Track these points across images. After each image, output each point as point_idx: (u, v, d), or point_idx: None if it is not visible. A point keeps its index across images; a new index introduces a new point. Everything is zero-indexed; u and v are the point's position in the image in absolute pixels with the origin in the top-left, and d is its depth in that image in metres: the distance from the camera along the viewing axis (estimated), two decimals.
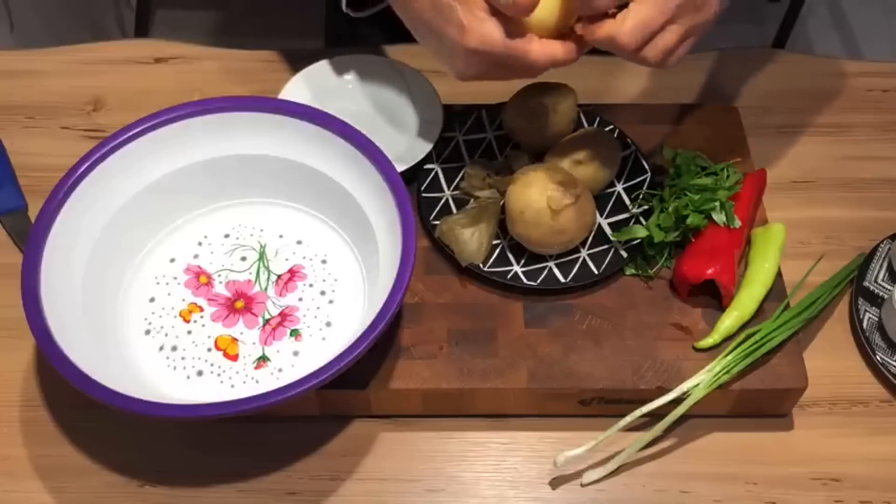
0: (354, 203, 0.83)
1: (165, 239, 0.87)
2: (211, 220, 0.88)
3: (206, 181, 0.86)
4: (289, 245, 0.87)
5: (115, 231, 0.82)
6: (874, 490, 0.79)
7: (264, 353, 0.80)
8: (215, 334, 0.81)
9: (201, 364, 0.80)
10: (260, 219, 0.88)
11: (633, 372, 0.80)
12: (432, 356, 0.81)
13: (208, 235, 0.87)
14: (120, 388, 0.70)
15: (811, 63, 1.09)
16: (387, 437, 0.81)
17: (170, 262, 0.85)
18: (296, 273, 0.85)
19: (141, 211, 0.84)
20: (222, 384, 0.78)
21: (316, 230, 0.88)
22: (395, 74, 0.97)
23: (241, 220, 0.88)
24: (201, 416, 0.70)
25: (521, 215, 0.82)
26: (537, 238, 0.83)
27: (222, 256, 0.86)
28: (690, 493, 0.79)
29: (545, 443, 0.81)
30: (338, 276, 0.85)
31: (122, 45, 1.11)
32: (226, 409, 0.69)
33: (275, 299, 0.83)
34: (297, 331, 0.82)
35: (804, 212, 0.95)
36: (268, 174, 0.86)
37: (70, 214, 0.79)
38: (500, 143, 0.94)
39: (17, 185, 0.96)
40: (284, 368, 0.79)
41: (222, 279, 0.85)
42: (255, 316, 0.82)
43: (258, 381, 0.79)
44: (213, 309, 0.83)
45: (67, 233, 0.79)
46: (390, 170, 0.81)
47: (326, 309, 0.83)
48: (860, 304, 0.87)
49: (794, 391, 0.80)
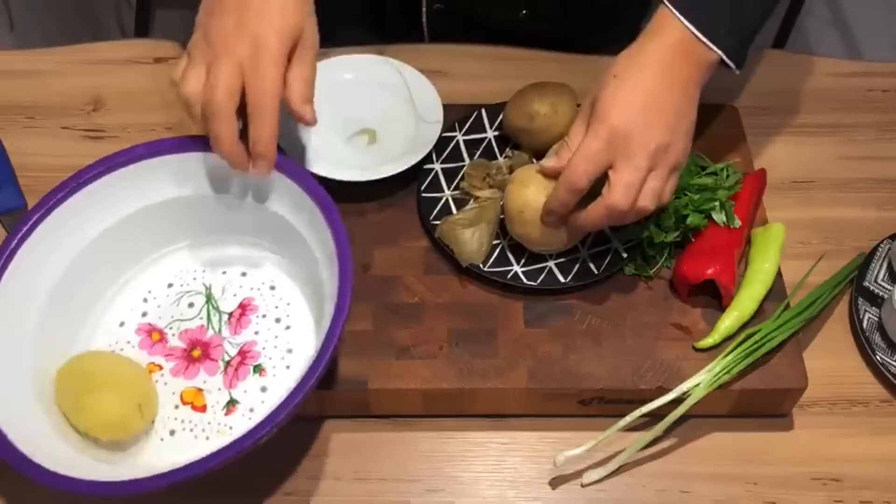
0: (286, 223, 0.80)
1: (110, 303, 0.84)
2: (149, 273, 0.85)
3: (135, 235, 0.83)
4: (234, 280, 0.85)
5: (61, 300, 0.79)
6: (874, 490, 0.79)
7: (232, 397, 0.78)
8: (179, 389, 0.79)
9: (172, 423, 0.78)
10: (198, 260, 0.86)
11: (633, 372, 0.80)
12: (432, 356, 0.81)
13: (152, 290, 0.84)
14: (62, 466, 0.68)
15: (811, 63, 1.08)
16: (387, 437, 0.81)
17: (119, 326, 0.82)
18: (247, 307, 0.83)
19: (81, 275, 0.80)
20: (196, 438, 0.77)
21: (257, 259, 0.85)
22: (395, 74, 0.97)
23: (181, 266, 0.86)
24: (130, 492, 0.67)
25: (520, 215, 0.82)
26: (537, 237, 0.83)
27: (170, 307, 0.83)
28: (690, 493, 0.79)
29: (545, 443, 0.81)
30: (289, 299, 0.83)
31: (122, 45, 1.11)
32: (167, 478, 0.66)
33: (231, 339, 0.81)
34: (259, 366, 0.80)
35: (804, 212, 0.95)
36: (194, 214, 0.84)
37: (10, 286, 0.76)
38: (500, 143, 0.94)
39: (17, 185, 0.96)
40: (255, 407, 0.78)
41: (174, 331, 0.82)
42: (215, 361, 0.80)
43: (232, 426, 0.77)
44: (171, 364, 0.80)
45: (8, 311, 0.75)
46: (311, 183, 0.78)
47: (284, 336, 0.81)
48: (860, 304, 0.87)
49: (794, 391, 0.80)
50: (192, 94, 0.74)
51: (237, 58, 0.73)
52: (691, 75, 0.77)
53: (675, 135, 0.76)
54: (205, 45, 0.75)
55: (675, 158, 0.77)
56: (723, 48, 0.77)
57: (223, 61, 0.73)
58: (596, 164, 0.75)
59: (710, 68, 0.78)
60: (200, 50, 0.75)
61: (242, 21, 0.74)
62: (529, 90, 0.91)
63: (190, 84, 0.74)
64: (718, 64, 0.79)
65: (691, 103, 0.78)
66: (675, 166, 0.77)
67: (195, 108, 0.75)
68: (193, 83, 0.74)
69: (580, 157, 0.76)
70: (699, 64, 0.78)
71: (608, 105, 0.75)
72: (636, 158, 0.75)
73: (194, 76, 0.74)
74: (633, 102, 0.75)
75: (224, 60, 0.73)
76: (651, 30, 0.78)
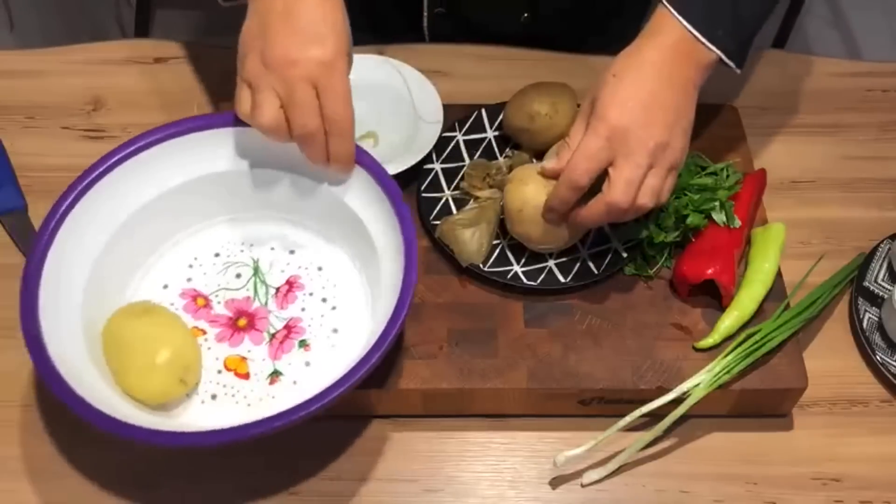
0: (345, 209, 0.81)
1: (154, 265, 0.85)
2: (196, 241, 0.86)
3: (189, 201, 0.84)
4: (281, 257, 0.85)
5: (112, 255, 0.80)
6: (874, 490, 0.79)
7: (276, 368, 0.79)
8: (223, 355, 0.80)
9: (214, 387, 0.78)
10: (246, 234, 0.87)
11: (633, 372, 0.80)
12: (432, 356, 0.81)
13: (198, 257, 0.85)
14: (119, 413, 0.69)
15: (811, 63, 1.08)
16: (387, 437, 0.81)
17: (163, 288, 0.84)
18: (293, 284, 0.84)
19: (131, 235, 0.82)
20: (237, 404, 0.77)
21: (305, 240, 0.86)
22: (395, 74, 0.97)
23: (228, 238, 0.86)
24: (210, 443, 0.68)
25: (519, 213, 0.82)
26: (537, 236, 0.83)
27: (216, 276, 0.84)
28: (690, 493, 0.79)
29: (545, 443, 0.81)
30: (336, 281, 0.84)
31: (122, 45, 1.11)
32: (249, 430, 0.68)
33: (277, 312, 0.82)
34: (304, 341, 0.81)
35: (804, 212, 0.95)
36: (251, 188, 0.85)
37: (63, 243, 0.77)
38: (500, 143, 0.94)
39: (17, 185, 0.96)
40: (299, 380, 0.79)
41: (220, 299, 0.83)
42: (260, 332, 0.81)
43: (274, 396, 0.78)
44: (216, 330, 0.81)
45: (60, 267, 0.76)
46: (380, 172, 0.79)
47: (330, 316, 0.82)
48: (860, 304, 0.87)
49: (794, 391, 0.80)
50: (273, 122, 0.75)
51: (310, 79, 0.73)
52: (690, 75, 0.78)
53: (674, 133, 0.76)
54: (264, 69, 0.74)
55: (674, 157, 0.77)
56: (721, 48, 0.77)
57: (299, 86, 0.73)
58: (597, 161, 0.76)
59: (709, 68, 0.78)
60: (260, 75, 0.74)
61: (303, 42, 0.74)
62: (529, 90, 0.91)
63: (266, 113, 0.74)
64: (718, 63, 0.79)
65: (690, 103, 0.78)
66: (673, 165, 0.77)
67: (280, 135, 0.75)
68: (270, 111, 0.74)
69: (581, 155, 0.76)
70: (698, 64, 0.78)
71: (607, 104, 0.76)
72: (636, 156, 0.75)
73: (268, 104, 0.74)
74: (632, 101, 0.75)
75: (299, 85, 0.73)
76: (650, 30, 0.78)
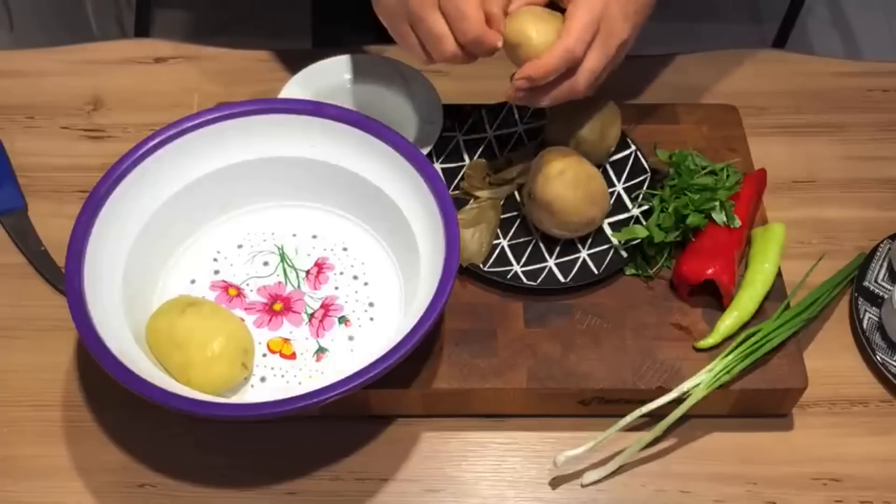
0: (369, 185, 0.83)
1: (176, 265, 0.85)
2: (216, 236, 0.87)
3: (204, 198, 0.85)
4: (305, 241, 0.87)
5: (145, 242, 0.81)
6: (874, 490, 0.79)
7: (320, 346, 0.81)
8: (265, 339, 0.81)
9: (262, 370, 0.79)
10: (265, 223, 0.88)
11: (632, 372, 0.80)
12: (432, 356, 0.81)
13: (221, 251, 0.86)
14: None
15: (811, 63, 1.08)
16: (387, 437, 0.81)
17: (191, 283, 0.84)
18: (322, 265, 0.85)
19: (156, 233, 0.82)
20: (288, 384, 0.78)
21: (326, 223, 0.87)
22: (395, 74, 0.97)
23: (247, 229, 0.87)
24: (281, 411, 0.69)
25: (561, 175, 0.82)
26: (572, 203, 0.82)
27: (244, 266, 0.85)
28: (690, 493, 0.79)
29: (545, 443, 0.81)
30: (364, 259, 0.85)
31: (122, 45, 1.11)
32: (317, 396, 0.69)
33: (311, 293, 0.83)
34: (344, 317, 0.82)
35: (804, 212, 0.95)
36: (269, 178, 0.86)
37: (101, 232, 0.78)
38: (500, 143, 0.94)
39: (17, 185, 0.96)
40: (344, 354, 0.80)
41: (251, 287, 0.84)
42: (298, 313, 0.82)
43: (323, 372, 0.79)
44: (253, 316, 0.82)
45: (100, 249, 0.77)
46: (409, 148, 0.81)
47: (364, 291, 0.83)
48: (860, 304, 0.87)
49: (794, 391, 0.80)
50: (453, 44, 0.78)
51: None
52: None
53: (634, 33, 0.81)
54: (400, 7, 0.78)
55: (624, 53, 0.81)
56: None
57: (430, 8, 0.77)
58: (590, 32, 0.77)
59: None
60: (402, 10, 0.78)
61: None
62: (577, 107, 0.87)
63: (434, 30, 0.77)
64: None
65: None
66: (619, 49, 0.80)
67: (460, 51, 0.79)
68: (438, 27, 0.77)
69: (577, 22, 0.77)
70: None
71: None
72: (609, 44, 0.78)
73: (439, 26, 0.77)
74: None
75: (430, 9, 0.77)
76: None
